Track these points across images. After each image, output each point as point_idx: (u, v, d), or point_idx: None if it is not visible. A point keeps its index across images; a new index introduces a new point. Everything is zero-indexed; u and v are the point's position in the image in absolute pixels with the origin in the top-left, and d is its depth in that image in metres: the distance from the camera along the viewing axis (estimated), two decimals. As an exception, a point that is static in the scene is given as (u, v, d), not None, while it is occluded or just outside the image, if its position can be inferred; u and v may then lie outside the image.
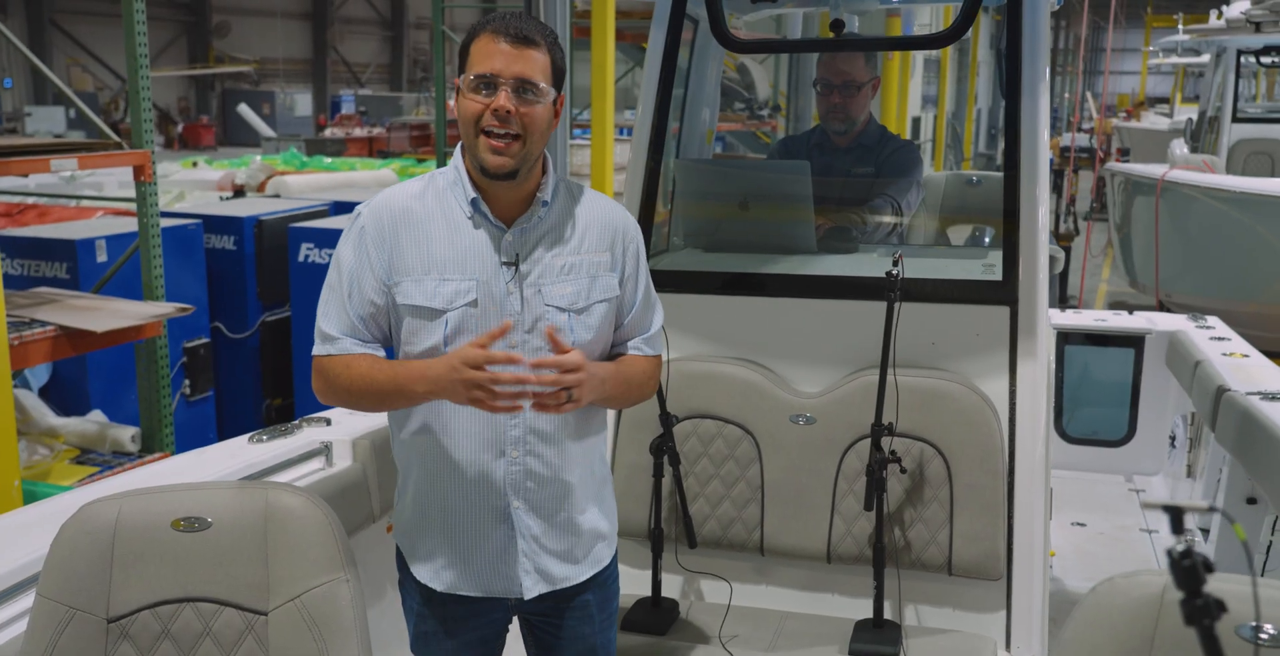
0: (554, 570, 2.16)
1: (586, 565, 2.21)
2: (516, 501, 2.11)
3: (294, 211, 8.33)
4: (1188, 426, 5.12)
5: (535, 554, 2.13)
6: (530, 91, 1.98)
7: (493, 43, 1.98)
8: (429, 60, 39.44)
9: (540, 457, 2.11)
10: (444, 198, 2.09)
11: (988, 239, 4.10)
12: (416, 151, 21.99)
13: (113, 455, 6.25)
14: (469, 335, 2.02)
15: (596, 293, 2.11)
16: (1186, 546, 1.04)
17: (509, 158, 1.99)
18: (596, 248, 2.13)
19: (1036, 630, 2.89)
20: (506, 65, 1.96)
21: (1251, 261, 9.42)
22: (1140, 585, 1.79)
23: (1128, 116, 23.80)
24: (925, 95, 21.79)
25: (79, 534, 1.97)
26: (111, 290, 6.42)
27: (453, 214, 2.08)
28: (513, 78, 1.97)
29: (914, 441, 2.88)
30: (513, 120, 1.97)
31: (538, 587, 2.15)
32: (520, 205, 2.09)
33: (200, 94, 34.66)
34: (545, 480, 2.12)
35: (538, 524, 2.13)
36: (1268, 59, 11.38)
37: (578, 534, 2.18)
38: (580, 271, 2.10)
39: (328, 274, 2.11)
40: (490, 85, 1.97)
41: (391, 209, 2.08)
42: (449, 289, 2.03)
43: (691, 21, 3.48)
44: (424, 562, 2.17)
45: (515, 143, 1.98)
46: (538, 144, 2.02)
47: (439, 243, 2.05)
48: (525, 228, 2.08)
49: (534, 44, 1.99)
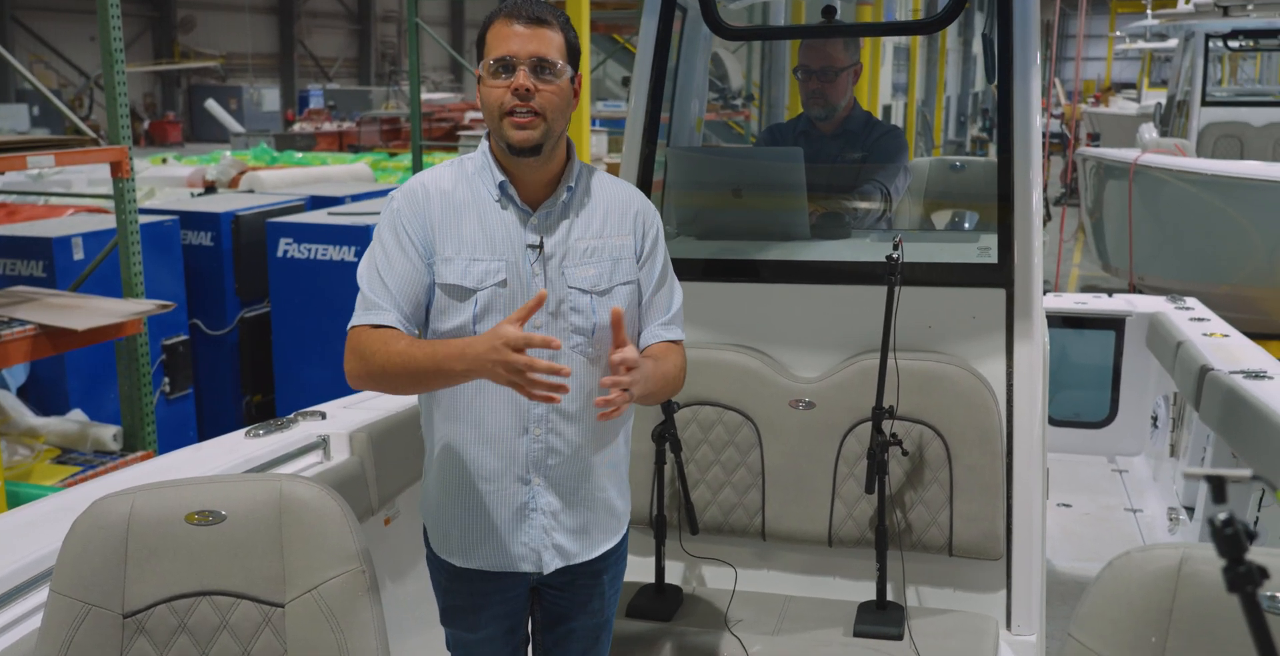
0: (570, 546, 2.20)
1: (602, 541, 2.25)
2: (537, 478, 2.15)
3: (271, 206, 8.26)
4: (1170, 406, 5.18)
5: (553, 529, 2.18)
6: (548, 70, 2.05)
7: (506, 27, 2.05)
8: (397, 54, 39.25)
9: (562, 435, 2.15)
10: (473, 181, 2.16)
11: (967, 224, 4.13)
12: (388, 145, 21.83)
13: (94, 454, 6.19)
14: (497, 314, 2.07)
15: (619, 275, 2.16)
16: (1229, 514, 1.05)
17: (533, 131, 2.04)
18: (619, 231, 2.18)
19: (1035, 608, 2.93)
20: (522, 46, 2.03)
21: (1224, 244, 9.53)
22: (1156, 558, 1.81)
23: (1096, 102, 24.00)
24: (895, 83, 21.87)
25: (92, 529, 1.96)
26: (88, 288, 6.35)
27: (481, 197, 2.14)
28: (529, 57, 2.03)
29: (913, 424, 2.91)
30: (533, 97, 2.03)
31: (555, 562, 2.19)
32: (545, 189, 2.15)
33: (166, 90, 34.29)
34: (566, 458, 2.16)
35: (557, 500, 2.17)
36: (1235, 43, 11.50)
37: (595, 511, 2.22)
38: (603, 254, 2.15)
39: (368, 252, 2.13)
40: (508, 67, 2.04)
41: (426, 190, 2.14)
42: (479, 269, 2.09)
43: (680, 10, 3.48)
44: (446, 538, 2.22)
45: (537, 118, 2.04)
46: (559, 121, 2.08)
47: (469, 224, 2.11)
48: (550, 211, 2.14)
49: (547, 23, 2.06)
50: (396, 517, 3.28)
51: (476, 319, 2.08)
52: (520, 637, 2.33)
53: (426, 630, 3.33)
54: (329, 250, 7.34)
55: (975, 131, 25.21)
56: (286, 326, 7.60)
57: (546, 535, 2.18)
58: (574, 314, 2.12)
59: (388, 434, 3.13)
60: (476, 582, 2.22)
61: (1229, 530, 1.06)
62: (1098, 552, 4.52)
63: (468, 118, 21.18)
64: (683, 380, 2.26)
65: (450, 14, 38.29)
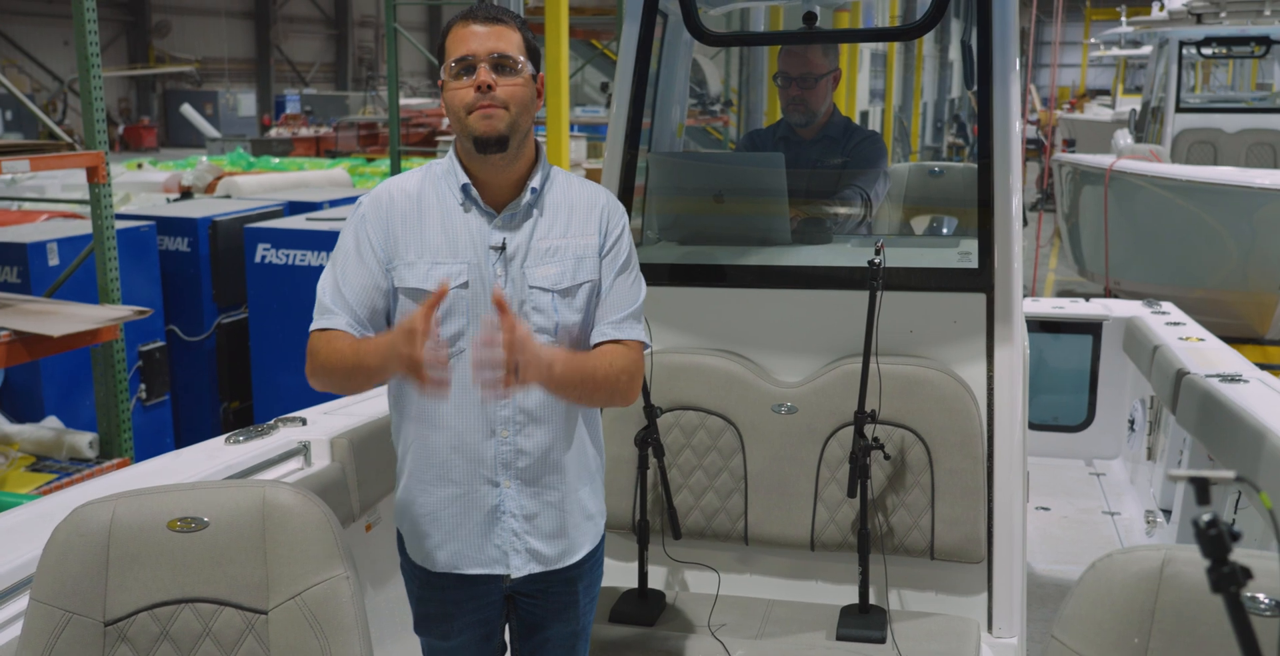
0: (543, 550, 2.19)
1: (575, 546, 2.24)
2: (507, 481, 2.15)
3: (248, 212, 8.23)
4: (1146, 410, 5.23)
5: (525, 533, 2.17)
6: (508, 67, 2.07)
7: (464, 28, 2.09)
8: (374, 59, 39.14)
9: (530, 437, 2.15)
10: (439, 185, 2.18)
11: (946, 229, 4.16)
12: (365, 151, 21.79)
13: (70, 462, 6.14)
14: (460, 316, 2.10)
15: (582, 274, 2.16)
16: (1213, 515, 1.06)
17: (497, 121, 2.05)
18: (583, 231, 2.18)
19: (1016, 611, 2.94)
20: (480, 44, 2.06)
21: (1198, 249, 9.62)
22: (1139, 560, 1.83)
23: (1071, 108, 24.19)
24: (873, 89, 21.98)
25: (73, 536, 1.94)
26: (63, 294, 6.31)
27: (445, 200, 2.16)
28: (488, 54, 2.06)
29: (895, 428, 2.92)
30: (494, 93, 2.05)
31: (527, 567, 2.18)
32: (511, 190, 2.16)
33: (141, 95, 34.09)
34: (535, 460, 2.16)
35: (528, 503, 2.17)
36: (1209, 50, 11.62)
37: (567, 514, 2.21)
38: (565, 253, 2.15)
39: (330, 257, 2.18)
40: (469, 68, 2.07)
41: (391, 197, 2.17)
42: (441, 272, 2.10)
43: (661, 16, 3.49)
44: (418, 543, 2.21)
45: (501, 109, 2.06)
46: (523, 116, 2.09)
47: (432, 228, 2.14)
48: (514, 213, 2.15)
49: (504, 22, 2.10)
50: (378, 524, 3.26)
51: (439, 322, 2.06)
52: (496, 645, 2.32)
53: (409, 636, 3.31)
54: (307, 256, 7.31)
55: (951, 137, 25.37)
56: (264, 332, 7.57)
57: (518, 538, 2.17)
58: (536, 313, 2.12)
59: (369, 440, 3.12)
60: (449, 589, 2.22)
61: (1213, 531, 1.07)
62: (1076, 555, 4.55)
63: (445, 123, 21.12)
64: (626, 382, 2.15)
65: (428, 19, 38.22)
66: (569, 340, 2.15)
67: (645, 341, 2.23)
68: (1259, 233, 9.08)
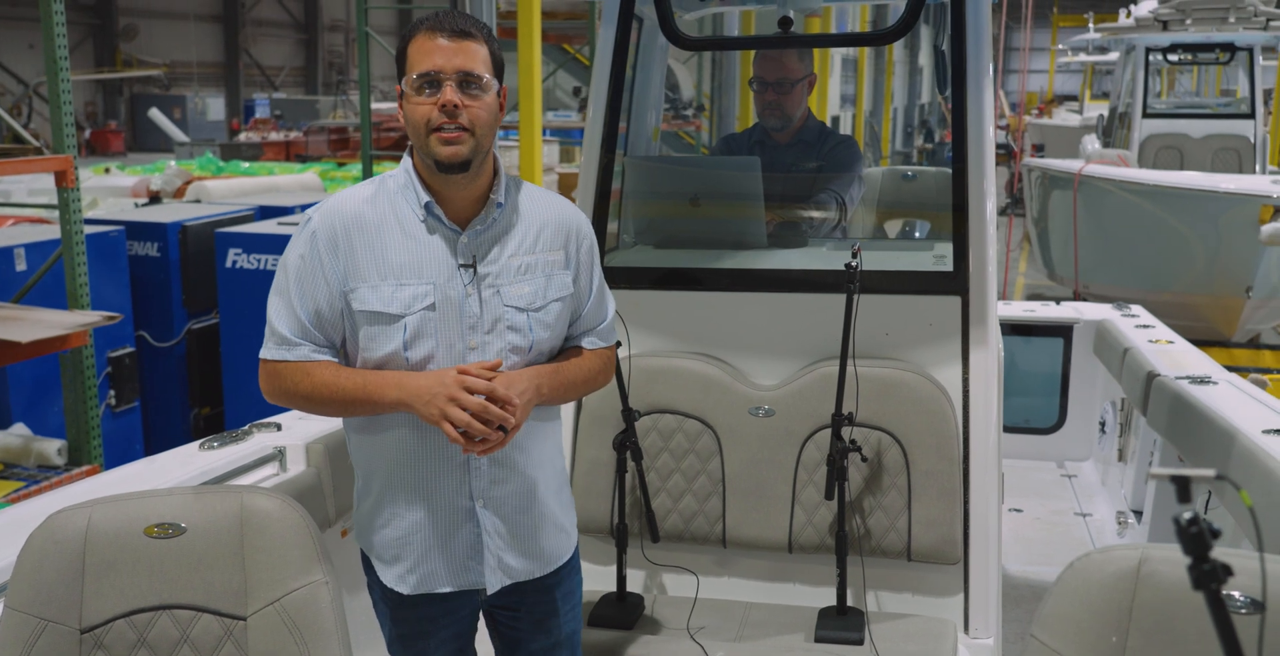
0: (516, 565, 2.17)
1: (548, 557, 2.22)
2: (480, 501, 2.12)
3: (219, 216, 8.17)
4: (1117, 412, 5.28)
5: (499, 549, 2.14)
6: (474, 85, 1.99)
7: (430, 40, 1.99)
8: (344, 63, 38.96)
9: (503, 457, 2.11)
10: (396, 202, 2.08)
11: (917, 233, 4.18)
12: (336, 155, 21.69)
13: (38, 469, 6.08)
14: (429, 338, 2.03)
15: (553, 291, 2.13)
16: (1193, 513, 1.08)
17: (462, 146, 1.98)
18: (550, 246, 2.14)
19: (992, 611, 2.96)
20: (447, 60, 1.97)
21: (1166, 252, 9.73)
22: (1116, 559, 1.85)
23: (1039, 114, 24.42)
24: (844, 94, 22.10)
25: (48, 543, 1.92)
26: (31, 300, 6.25)
27: (406, 218, 2.06)
28: (455, 72, 1.97)
29: (871, 430, 2.93)
30: (461, 113, 1.97)
31: (500, 581, 2.16)
32: (474, 206, 2.09)
33: (108, 99, 33.77)
34: (508, 479, 2.13)
35: (500, 520, 2.14)
36: (1174, 56, 11.76)
37: (539, 527, 2.19)
38: (536, 271, 2.11)
39: (275, 277, 2.08)
40: (434, 83, 1.98)
41: (344, 214, 2.06)
42: (406, 294, 2.02)
43: (636, 20, 3.50)
44: (390, 565, 2.16)
45: (466, 133, 1.98)
46: (487, 136, 2.03)
47: (393, 248, 2.04)
48: (480, 229, 2.08)
49: (471, 36, 2.00)
50: (353, 529, 3.25)
51: (407, 345, 2.02)
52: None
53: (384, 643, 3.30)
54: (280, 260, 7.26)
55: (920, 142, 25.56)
56: (236, 338, 7.51)
57: (493, 555, 2.14)
58: (511, 332, 2.08)
59: (345, 445, 3.10)
60: (423, 608, 2.17)
61: (1194, 529, 1.08)
62: (1049, 556, 4.58)
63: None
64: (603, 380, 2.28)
65: (398, 23, 38.07)
66: (539, 355, 2.13)
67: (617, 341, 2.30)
68: (1224, 237, 9.20)
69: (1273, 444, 3.02)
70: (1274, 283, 9.35)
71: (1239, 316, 9.45)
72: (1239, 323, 9.53)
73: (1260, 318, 9.74)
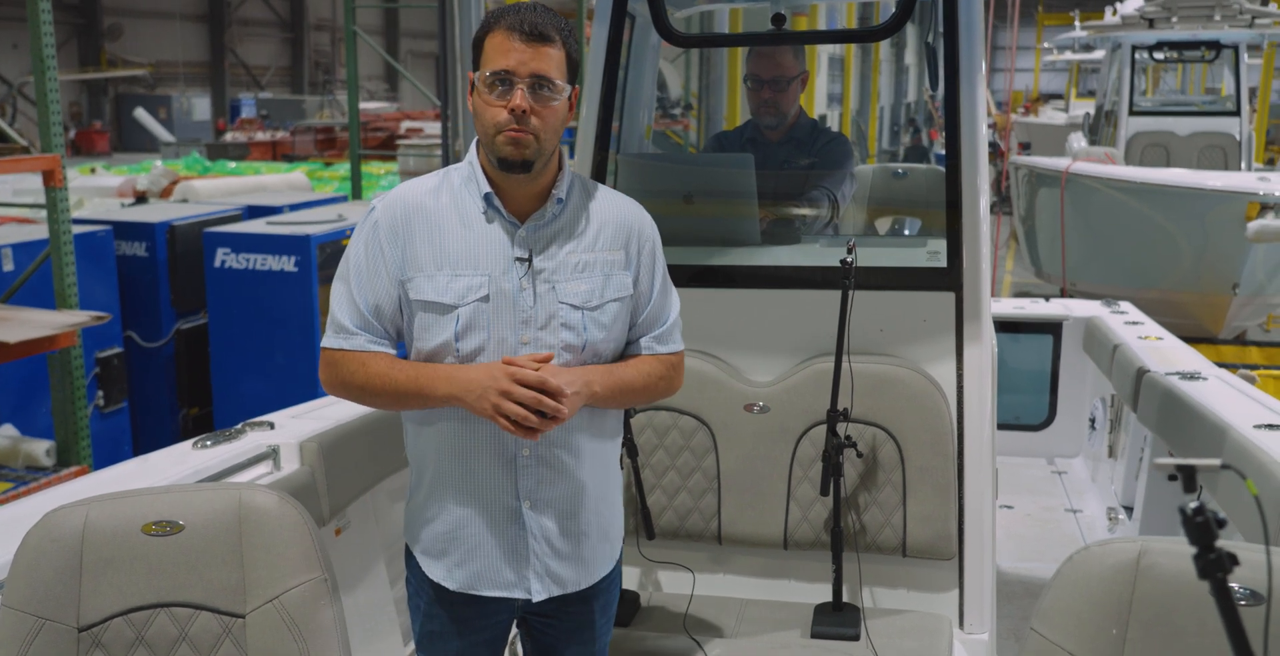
0: (563, 573, 2.14)
1: (594, 569, 2.19)
2: (528, 502, 2.09)
3: (207, 216, 8.15)
4: (1107, 408, 5.30)
5: (545, 555, 2.12)
6: (546, 88, 1.98)
7: (508, 40, 1.98)
8: (331, 62, 38.83)
9: (552, 458, 2.10)
10: (458, 193, 2.09)
11: (908, 230, 4.19)
12: (323, 155, 21.65)
13: (27, 470, 6.05)
14: (480, 331, 2.03)
15: (610, 291, 2.11)
16: (1199, 503, 1.08)
17: (525, 148, 1.98)
18: (610, 246, 2.12)
19: (987, 607, 2.97)
20: (522, 63, 1.96)
21: (1152, 250, 9.77)
22: (1115, 552, 1.85)
23: (1026, 112, 24.49)
24: (830, 93, 22.14)
25: (45, 541, 1.91)
26: (19, 300, 6.22)
27: (466, 209, 2.07)
28: (529, 76, 1.97)
29: (866, 426, 2.94)
30: (529, 119, 1.97)
31: (547, 590, 2.13)
32: (535, 201, 2.09)
33: (93, 99, 33.56)
34: (556, 482, 2.11)
35: (549, 525, 2.11)
36: (1160, 54, 11.82)
37: (587, 536, 2.16)
38: (595, 269, 2.10)
39: (339, 267, 2.10)
40: (506, 82, 1.97)
41: (406, 204, 2.07)
42: (461, 284, 2.03)
43: (630, 18, 3.50)
44: (437, 560, 2.15)
45: (531, 136, 1.98)
46: (553, 139, 2.02)
47: (451, 238, 2.05)
48: (539, 224, 2.08)
49: (549, 40, 1.99)
50: (347, 528, 3.24)
51: (459, 336, 2.02)
52: None
53: (380, 640, 3.30)
54: (268, 260, 7.25)
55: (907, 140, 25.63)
56: (225, 338, 7.49)
57: (539, 561, 2.11)
58: (564, 330, 2.06)
59: (338, 444, 3.10)
60: (459, 607, 2.15)
61: (1199, 518, 1.09)
62: (1041, 553, 4.60)
63: (404, 127, 21.03)
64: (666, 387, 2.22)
65: (385, 23, 38.00)
66: (594, 356, 2.10)
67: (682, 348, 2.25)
68: (1211, 234, 9.24)
69: (1264, 438, 3.03)
70: (1260, 280, 9.40)
71: (1225, 313, 9.50)
72: (1225, 319, 9.57)
73: (1246, 314, 9.80)
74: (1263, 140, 14.93)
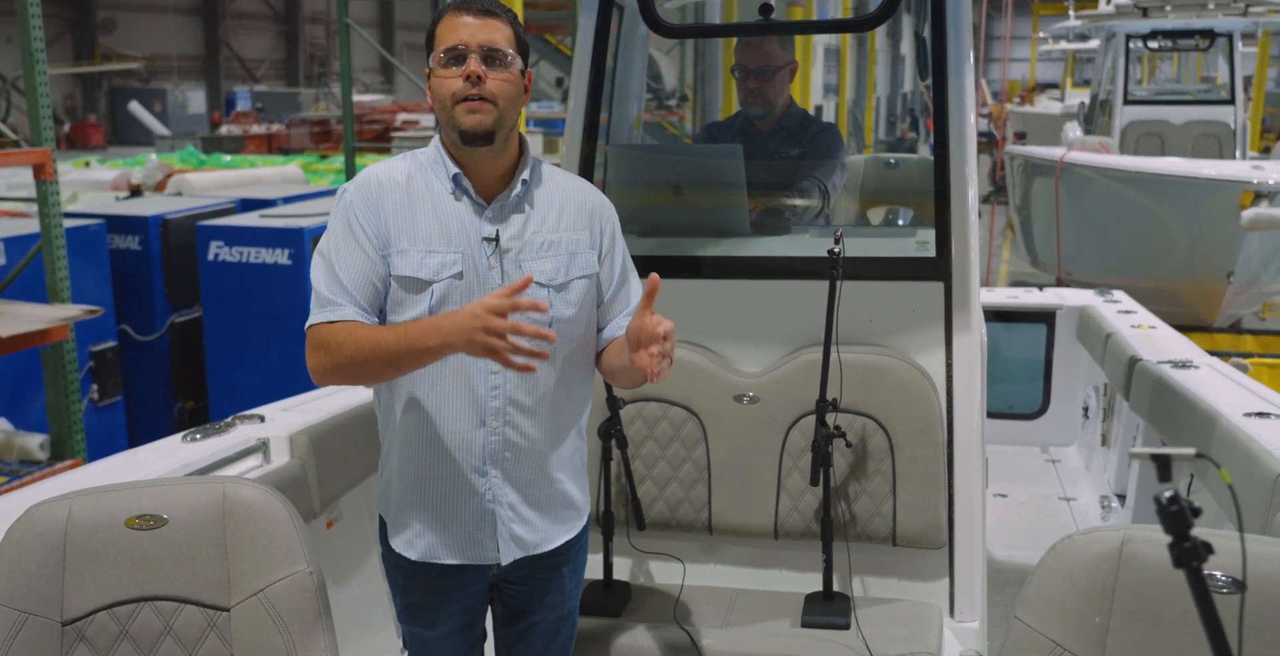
0: (527, 536, 2.20)
1: (560, 531, 2.25)
2: (494, 470, 2.15)
3: (200, 209, 8.13)
4: (1100, 397, 5.30)
5: (510, 521, 2.17)
6: (498, 60, 2.07)
7: (456, 18, 2.08)
8: (326, 55, 38.74)
9: (519, 428, 2.15)
10: (426, 174, 2.16)
11: (901, 220, 4.19)
12: (318, 148, 21.58)
13: (20, 464, 6.05)
14: (452, 307, 2.07)
15: (575, 269, 2.17)
16: (1174, 492, 1.08)
17: (484, 116, 2.05)
18: (574, 226, 2.19)
19: (978, 595, 2.98)
20: (472, 35, 2.06)
21: (1147, 239, 9.77)
22: (1098, 541, 1.85)
23: (1021, 102, 24.47)
24: (826, 83, 22.10)
25: (27, 536, 1.91)
26: (11, 294, 6.21)
27: (435, 189, 2.14)
28: (479, 46, 2.06)
29: (856, 416, 2.94)
30: (484, 84, 2.04)
31: (512, 553, 2.19)
32: (500, 182, 2.15)
33: (87, 92, 33.47)
34: (523, 450, 2.16)
35: (514, 492, 2.17)
36: (1155, 43, 11.80)
37: (552, 503, 2.22)
38: (559, 248, 2.16)
39: (318, 248, 2.13)
40: (459, 58, 2.06)
41: (379, 181, 2.14)
42: (435, 261, 2.08)
43: (618, 8, 3.49)
44: (402, 531, 2.20)
45: (488, 104, 2.05)
46: (510, 111, 2.09)
47: (423, 216, 2.11)
48: (504, 204, 2.14)
49: (495, 15, 2.10)
50: (339, 520, 3.24)
51: (432, 311, 2.07)
52: (478, 633, 2.33)
53: (372, 633, 3.30)
54: (261, 253, 7.24)
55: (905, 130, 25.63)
56: (219, 331, 7.49)
57: (504, 526, 2.17)
58: None
59: (329, 436, 3.10)
60: (435, 578, 2.21)
61: (1174, 507, 1.09)
62: (1033, 541, 4.61)
63: (399, 119, 20.99)
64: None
65: (380, 15, 37.89)
66: (564, 334, 2.14)
67: None
68: (1206, 223, 9.24)
69: (1254, 426, 3.03)
70: (1255, 268, 9.40)
71: (1221, 302, 9.51)
72: (1220, 308, 9.58)
73: (1241, 303, 9.80)
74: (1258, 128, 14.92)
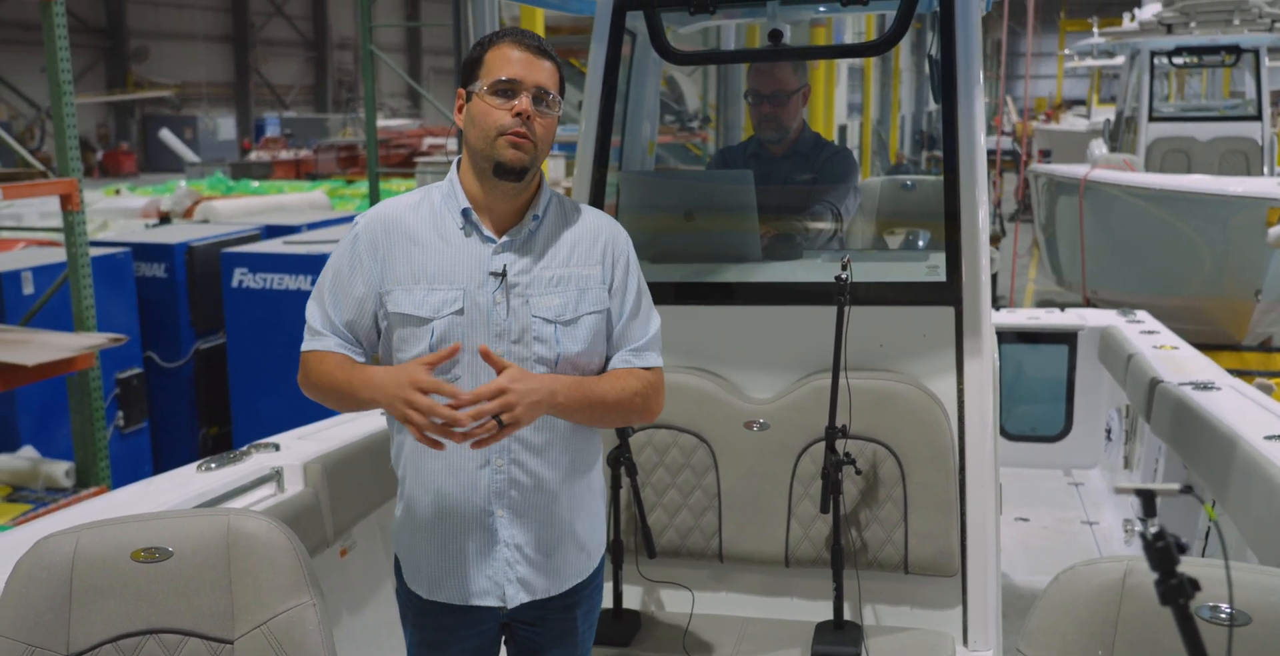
0: (535, 581, 2.17)
1: (569, 576, 2.21)
2: (500, 510, 2.13)
3: (225, 237, 8.21)
4: (1123, 419, 5.25)
5: (517, 563, 2.15)
6: (545, 103, 2.08)
7: (512, 50, 2.08)
8: (354, 81, 39.13)
9: (524, 467, 2.12)
10: (438, 209, 2.16)
11: (921, 242, 4.17)
12: (345, 173, 21.76)
13: (46, 491, 6.10)
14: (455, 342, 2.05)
15: (585, 305, 2.14)
16: (1159, 528, 1.07)
17: (525, 154, 2.06)
18: (586, 261, 2.17)
19: (992, 624, 2.94)
20: (527, 73, 2.06)
21: (1173, 256, 9.67)
22: (1101, 572, 1.83)
23: (1047, 119, 24.36)
24: (850, 103, 22.10)
25: (35, 569, 1.93)
26: (39, 322, 6.28)
27: (444, 224, 2.14)
28: (533, 85, 2.06)
29: (867, 442, 2.92)
30: (532, 125, 2.05)
31: (520, 596, 2.16)
32: (513, 217, 2.15)
33: (120, 120, 33.97)
34: (529, 490, 2.13)
35: (521, 533, 2.14)
36: (1180, 59, 11.72)
37: (562, 545, 2.19)
38: (569, 284, 2.14)
39: (319, 277, 2.18)
40: (511, 91, 2.05)
41: (386, 219, 2.15)
42: (436, 298, 2.09)
43: (630, 35, 3.51)
44: (414, 570, 2.20)
45: (530, 143, 2.06)
46: (545, 153, 2.11)
47: (429, 252, 2.11)
48: (515, 239, 2.13)
49: (549, 56, 2.11)
50: (353, 549, 3.25)
51: (434, 348, 2.06)
52: None
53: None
54: (285, 279, 7.30)
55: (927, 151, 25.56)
56: (243, 357, 7.54)
57: (510, 568, 2.14)
58: (537, 343, 2.09)
59: (342, 464, 3.11)
60: (443, 616, 2.19)
61: (1159, 543, 1.08)
62: (1055, 566, 4.52)
63: (425, 144, 21.15)
64: (641, 403, 2.18)
65: (406, 41, 38.31)
66: (571, 370, 2.12)
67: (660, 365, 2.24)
68: (1233, 240, 9.15)
69: (1275, 450, 2.99)
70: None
71: (1249, 319, 9.39)
72: (1249, 326, 9.46)
73: (1270, 320, 9.67)
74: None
